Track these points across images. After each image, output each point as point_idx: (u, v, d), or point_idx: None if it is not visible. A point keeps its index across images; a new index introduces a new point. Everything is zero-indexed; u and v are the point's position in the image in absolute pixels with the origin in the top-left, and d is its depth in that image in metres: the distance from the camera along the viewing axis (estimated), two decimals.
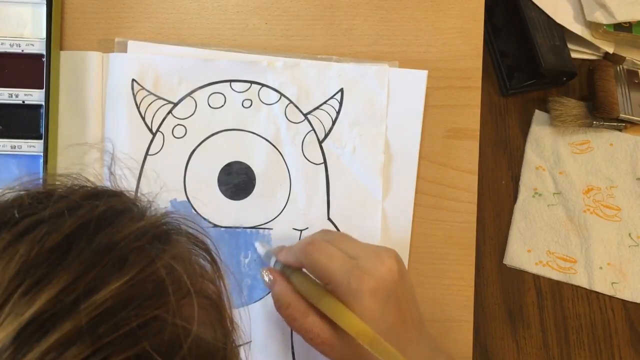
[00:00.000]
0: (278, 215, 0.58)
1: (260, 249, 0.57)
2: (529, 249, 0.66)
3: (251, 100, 0.59)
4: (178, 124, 0.58)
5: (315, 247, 0.48)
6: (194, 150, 0.58)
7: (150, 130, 0.58)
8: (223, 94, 0.59)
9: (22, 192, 0.32)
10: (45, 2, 0.56)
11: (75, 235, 0.29)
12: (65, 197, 0.32)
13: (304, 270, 0.50)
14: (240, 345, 0.36)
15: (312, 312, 0.48)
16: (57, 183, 0.34)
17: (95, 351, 0.26)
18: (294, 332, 0.57)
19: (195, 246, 0.36)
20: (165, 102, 0.58)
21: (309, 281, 0.49)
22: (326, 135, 0.59)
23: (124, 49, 0.58)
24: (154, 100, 0.58)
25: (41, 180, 0.34)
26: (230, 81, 0.59)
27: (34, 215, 0.30)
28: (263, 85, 0.59)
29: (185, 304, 0.30)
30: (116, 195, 0.34)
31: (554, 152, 0.68)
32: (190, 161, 0.58)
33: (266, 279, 0.51)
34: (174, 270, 0.31)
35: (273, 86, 0.59)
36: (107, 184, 0.40)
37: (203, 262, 0.36)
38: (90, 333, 0.26)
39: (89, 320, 0.26)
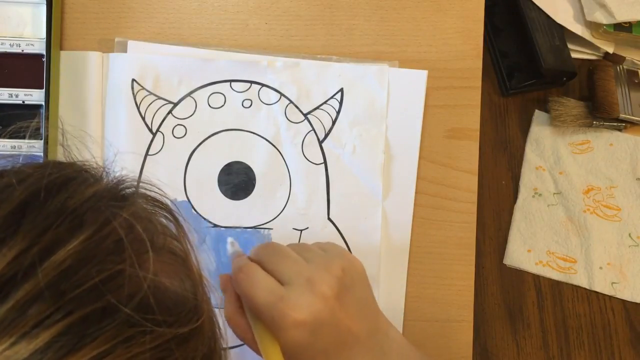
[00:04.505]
0: (278, 215, 0.58)
1: (230, 248, 0.52)
2: (529, 249, 0.66)
3: (251, 100, 0.59)
4: (178, 124, 0.58)
5: (244, 274, 0.46)
6: (194, 150, 0.58)
7: (150, 130, 0.58)
8: (223, 94, 0.59)
9: None
10: (45, 2, 0.56)
11: (27, 203, 0.30)
12: (14, 171, 0.32)
13: None
14: (237, 346, 0.36)
15: (250, 331, 0.47)
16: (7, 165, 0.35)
17: (57, 308, 0.27)
18: None
19: (156, 206, 0.37)
20: (165, 102, 0.58)
21: None
22: (326, 135, 0.59)
23: (124, 49, 0.58)
24: (154, 100, 0.58)
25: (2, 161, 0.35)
26: (230, 81, 0.59)
27: None
28: (263, 85, 0.59)
29: (147, 260, 0.31)
30: (67, 164, 0.35)
31: (554, 152, 0.68)
32: (190, 161, 0.58)
33: (221, 284, 0.49)
34: (133, 228, 0.32)
35: (273, 86, 0.59)
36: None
37: (166, 222, 0.36)
38: (52, 291, 0.27)
39: (48, 280, 0.27)
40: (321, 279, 0.45)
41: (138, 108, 0.58)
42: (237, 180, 0.58)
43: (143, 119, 0.58)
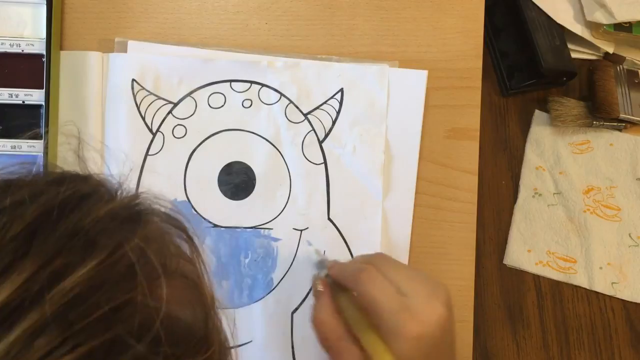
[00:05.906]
0: (278, 215, 0.58)
1: (315, 256, 0.55)
2: (529, 249, 0.66)
3: (251, 100, 0.59)
4: (178, 124, 0.58)
5: (368, 276, 0.46)
6: (194, 150, 0.58)
7: (150, 130, 0.58)
8: (223, 94, 0.59)
9: None
10: (45, 2, 0.56)
11: (39, 223, 0.28)
12: (28, 185, 0.31)
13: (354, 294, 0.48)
14: (238, 346, 0.36)
15: (345, 338, 0.46)
16: (22, 171, 0.33)
17: (65, 340, 0.25)
18: (294, 332, 0.57)
19: (170, 225, 0.35)
20: (166, 102, 0.58)
21: (355, 308, 0.47)
22: (326, 135, 0.59)
23: (124, 49, 0.58)
24: (154, 100, 0.58)
25: (10, 168, 0.33)
26: (231, 81, 0.59)
27: None
28: (263, 85, 0.59)
29: (159, 286, 0.30)
30: (83, 178, 0.33)
31: (554, 152, 0.68)
32: (190, 161, 0.58)
33: (319, 288, 0.49)
34: (145, 252, 0.30)
35: (273, 86, 0.59)
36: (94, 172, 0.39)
37: (179, 241, 0.35)
38: (59, 321, 0.25)
39: (56, 309, 0.26)
40: (438, 297, 0.45)
41: (138, 108, 0.58)
42: (237, 180, 0.58)
43: (143, 119, 0.58)
